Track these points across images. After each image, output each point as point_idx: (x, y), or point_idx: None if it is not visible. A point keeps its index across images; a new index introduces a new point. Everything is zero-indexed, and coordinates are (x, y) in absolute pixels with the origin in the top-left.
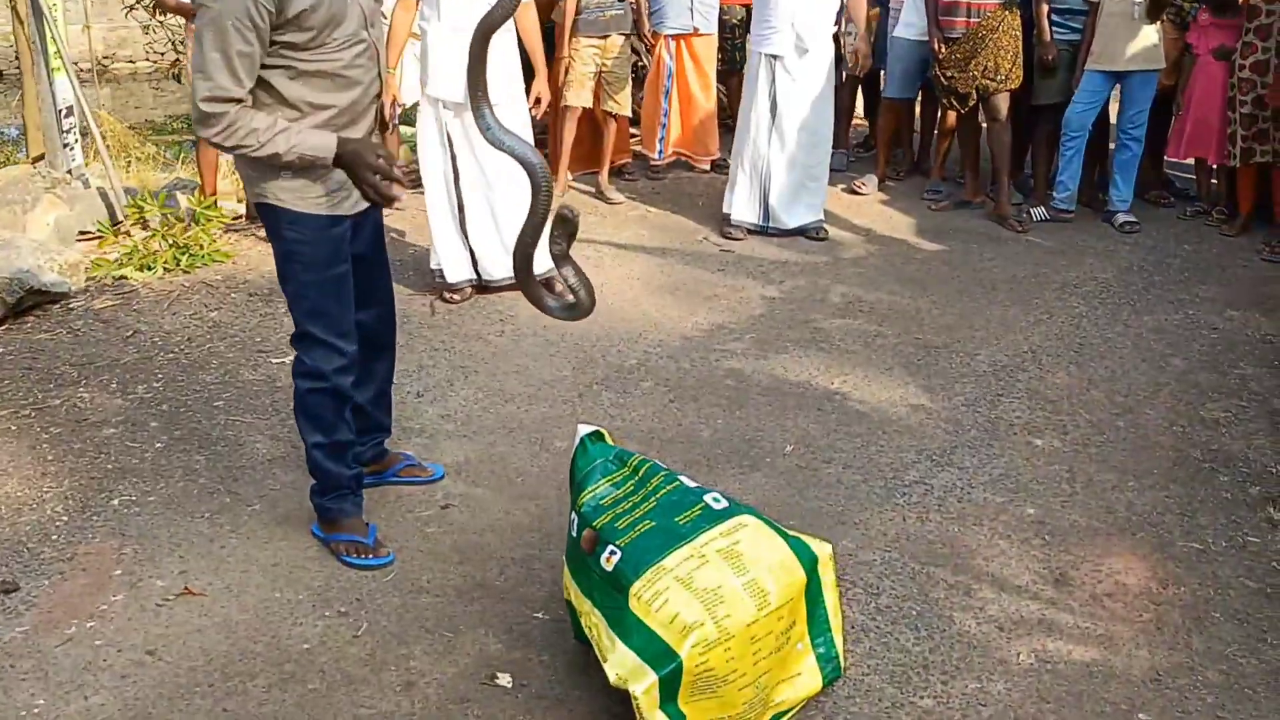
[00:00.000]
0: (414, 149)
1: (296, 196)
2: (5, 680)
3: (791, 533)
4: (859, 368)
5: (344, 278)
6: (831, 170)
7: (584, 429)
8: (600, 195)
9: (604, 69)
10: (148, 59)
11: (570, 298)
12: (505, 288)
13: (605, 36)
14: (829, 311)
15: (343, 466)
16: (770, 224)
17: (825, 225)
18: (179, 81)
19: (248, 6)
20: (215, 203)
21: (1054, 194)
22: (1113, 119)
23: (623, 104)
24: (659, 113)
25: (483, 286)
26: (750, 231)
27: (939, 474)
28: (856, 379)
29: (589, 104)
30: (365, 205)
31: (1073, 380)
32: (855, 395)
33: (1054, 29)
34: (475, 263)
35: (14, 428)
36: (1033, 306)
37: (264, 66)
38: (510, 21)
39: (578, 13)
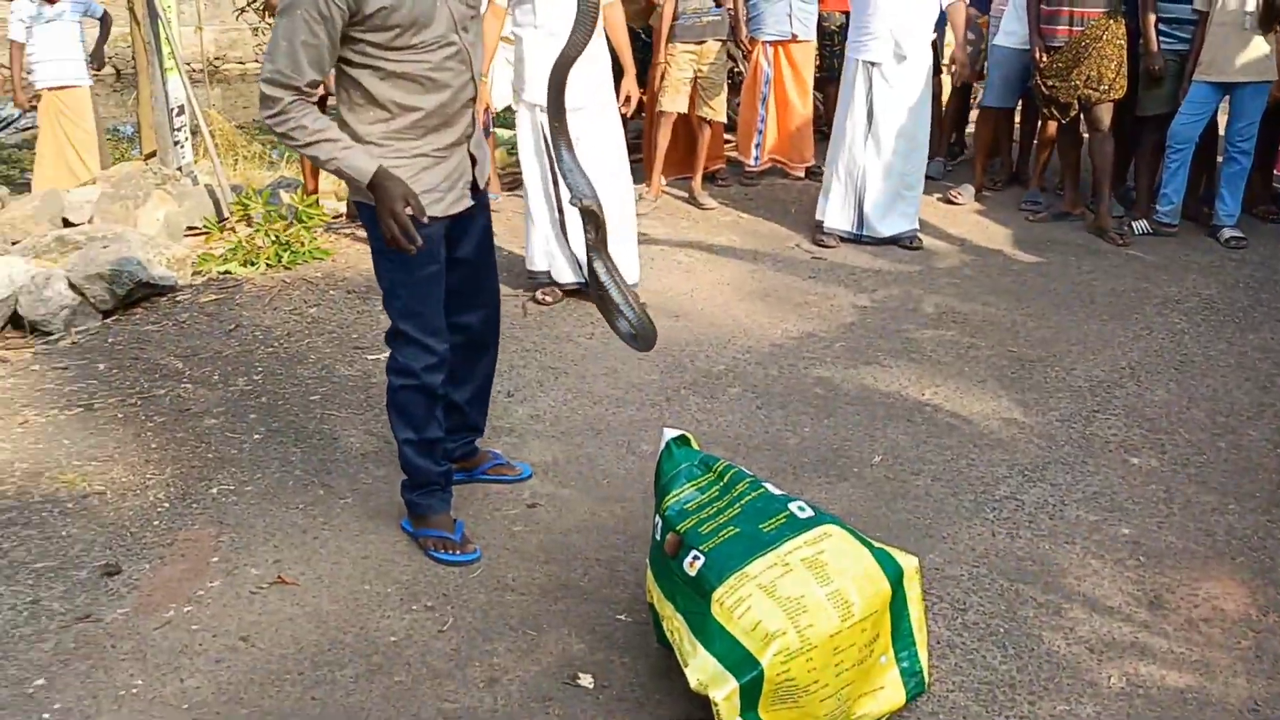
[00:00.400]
0: (510, 152)
1: None
2: (107, 660)
3: (877, 544)
4: (951, 379)
5: (435, 277)
6: (927, 179)
7: (670, 433)
8: (693, 200)
9: (700, 75)
10: (256, 60)
11: (632, 331)
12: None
13: (701, 42)
14: (921, 322)
15: (432, 463)
16: (864, 232)
17: (920, 234)
18: None
19: (318, 0)
20: (317, 201)
21: (1157, 207)
22: (1221, 131)
23: (718, 110)
24: (755, 119)
25: (585, 290)
26: (843, 239)
27: (1030, 489)
28: (948, 391)
29: (684, 109)
30: (464, 207)
31: (1172, 398)
32: (946, 407)
33: (1161, 38)
34: (580, 265)
35: (121, 416)
36: (1132, 322)
37: (354, 65)
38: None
39: (674, 18)
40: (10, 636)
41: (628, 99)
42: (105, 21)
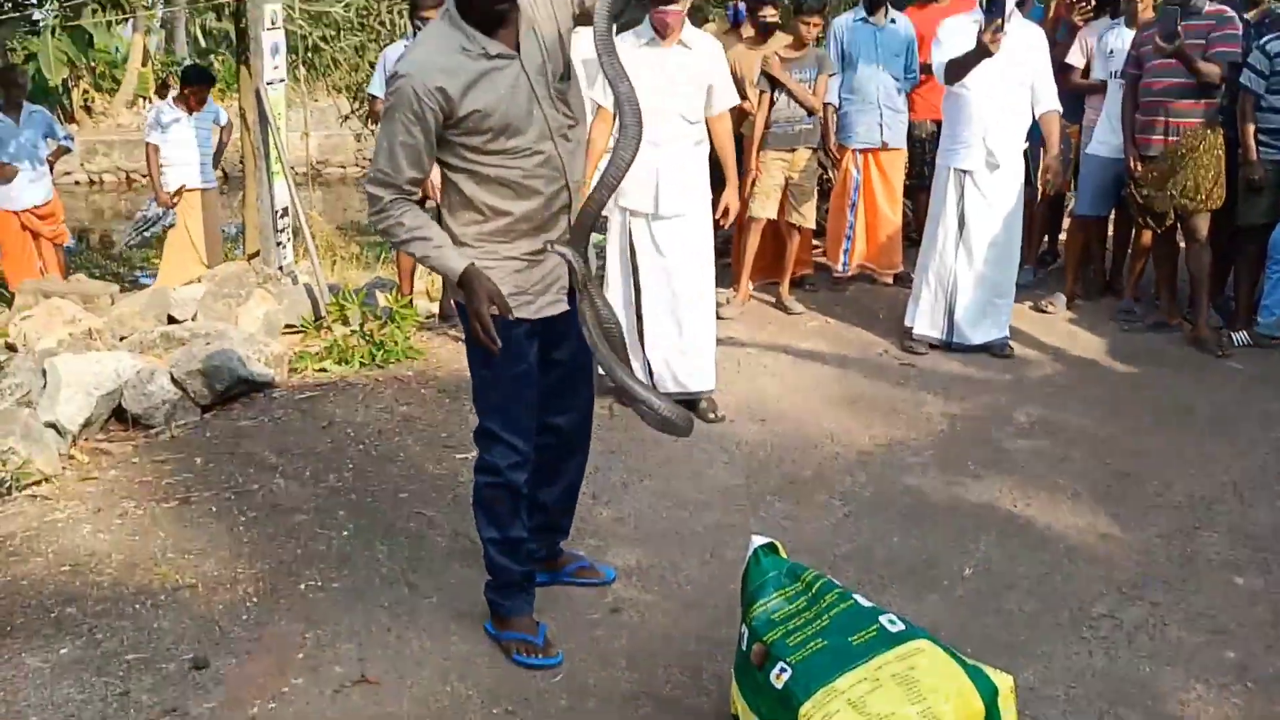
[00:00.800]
0: (599, 254)
1: None
2: None
3: (970, 661)
4: (1044, 491)
5: (523, 377)
6: (1017, 286)
7: (758, 540)
8: (780, 305)
9: (791, 181)
10: (357, 164)
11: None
12: (678, 400)
13: (793, 150)
14: (1013, 431)
15: (514, 562)
16: (954, 339)
17: (1011, 343)
18: None
19: (412, 101)
20: (411, 302)
21: (1258, 319)
22: None
23: (807, 216)
24: (844, 225)
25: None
26: (932, 346)
27: (1129, 608)
28: (1041, 503)
29: (774, 216)
30: (557, 311)
31: (1278, 517)
32: (1039, 520)
33: (1261, 148)
34: (651, 374)
35: (215, 509)
36: (1233, 436)
37: (453, 169)
38: (703, 129)
39: (767, 126)
40: None
41: (726, 211)
42: (227, 129)
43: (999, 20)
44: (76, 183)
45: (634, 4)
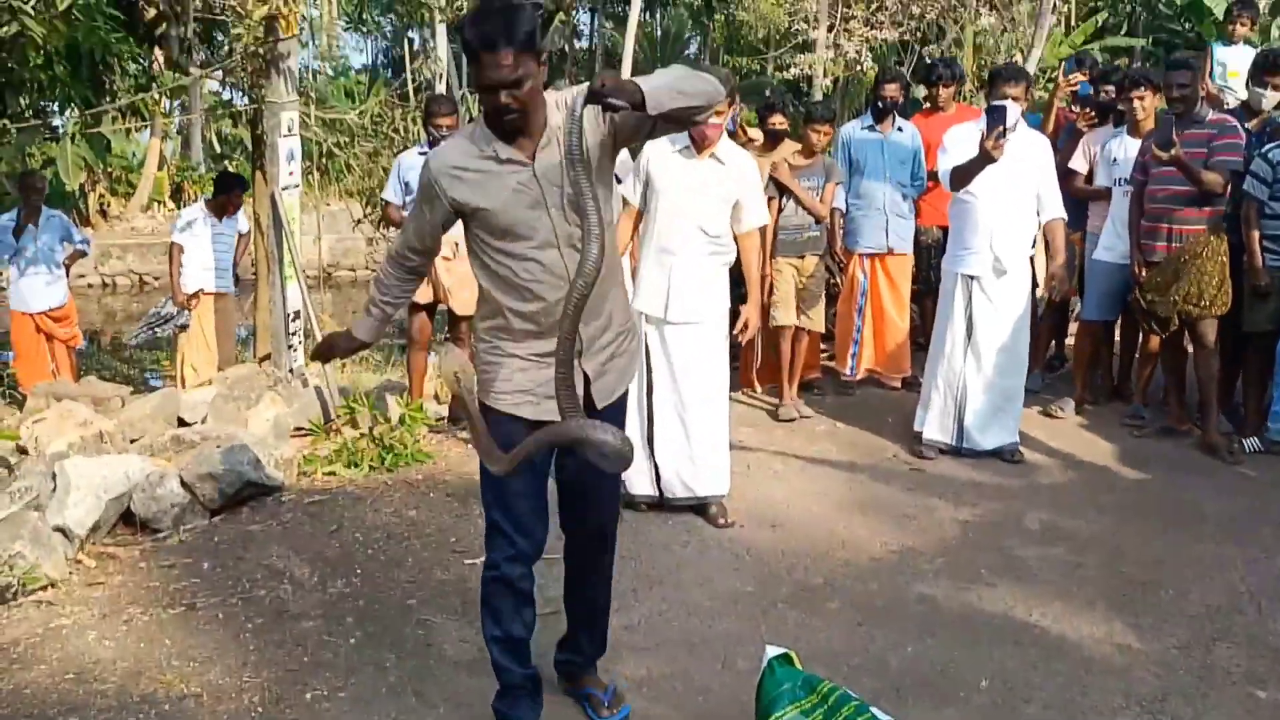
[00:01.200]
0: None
1: (484, 390)
2: None
3: None
4: (1058, 600)
5: (524, 473)
6: (1025, 391)
7: (772, 650)
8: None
9: (800, 286)
10: (368, 268)
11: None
12: (688, 507)
13: (801, 257)
14: (1025, 538)
15: (515, 664)
16: (964, 444)
17: (1021, 448)
18: None
19: (425, 185)
20: (421, 405)
21: (1269, 425)
22: None
23: (816, 320)
24: (852, 329)
25: (661, 504)
26: (942, 451)
27: None
28: (1056, 612)
29: (795, 321)
30: (550, 417)
31: None
32: (1055, 630)
33: (1266, 254)
34: (659, 479)
35: (221, 615)
36: (1248, 544)
37: (474, 260)
38: (725, 242)
39: (775, 235)
40: None
41: (745, 326)
42: (246, 238)
43: (1001, 127)
44: (89, 285)
45: (660, 125)
